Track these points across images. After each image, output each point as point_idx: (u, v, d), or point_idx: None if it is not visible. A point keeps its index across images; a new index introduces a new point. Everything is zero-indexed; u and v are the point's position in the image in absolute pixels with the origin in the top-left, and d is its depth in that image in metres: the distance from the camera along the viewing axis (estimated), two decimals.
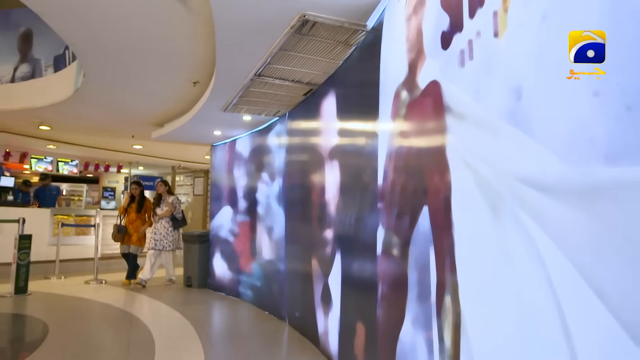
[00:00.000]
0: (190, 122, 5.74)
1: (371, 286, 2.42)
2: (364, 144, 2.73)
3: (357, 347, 2.70)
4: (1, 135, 8.78)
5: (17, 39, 7.79)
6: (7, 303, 5.29)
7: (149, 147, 9.82)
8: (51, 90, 6.66)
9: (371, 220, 2.48)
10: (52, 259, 7.50)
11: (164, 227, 6.68)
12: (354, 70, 3.10)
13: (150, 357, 3.31)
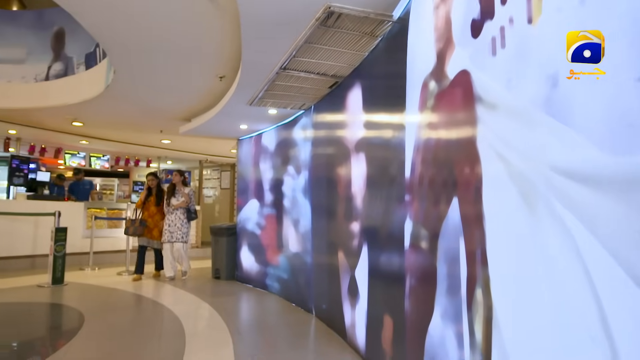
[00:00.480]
0: (216, 116, 5.81)
1: (399, 279, 2.40)
2: (391, 136, 2.70)
3: (384, 340, 2.70)
4: (37, 131, 9.11)
5: (51, 38, 8.02)
6: (46, 293, 5.51)
7: (177, 142, 10.01)
8: (83, 87, 6.86)
9: (398, 213, 2.46)
10: (86, 251, 7.75)
11: (179, 219, 6.48)
12: (380, 62, 3.07)
13: (181, 346, 3.39)
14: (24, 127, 8.77)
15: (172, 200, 6.54)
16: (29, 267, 7.41)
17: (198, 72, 4.96)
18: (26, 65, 7.94)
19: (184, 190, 6.59)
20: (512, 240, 1.34)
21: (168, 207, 6.52)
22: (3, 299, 5.15)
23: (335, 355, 3.32)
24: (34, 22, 8.15)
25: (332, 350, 3.41)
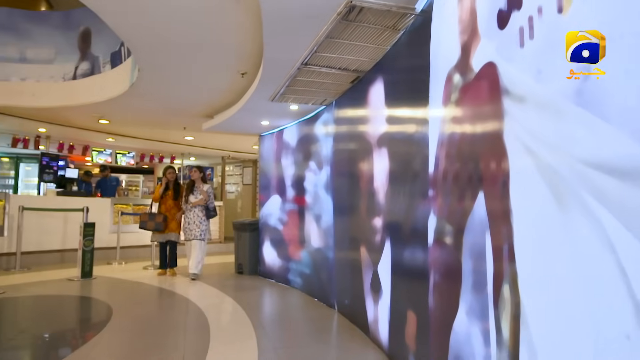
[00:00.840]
0: (238, 112, 5.85)
1: (422, 275, 2.38)
2: (414, 131, 2.67)
3: (408, 336, 2.68)
4: (65, 129, 9.36)
5: (77, 38, 8.21)
6: (75, 286, 5.67)
7: (199, 139, 10.14)
8: (109, 85, 7.00)
9: (422, 209, 2.44)
10: (113, 246, 7.95)
11: (197, 216, 6.30)
12: (402, 56, 3.03)
13: (205, 339, 3.44)
14: (53, 125, 9.03)
15: (190, 198, 6.37)
16: (59, 261, 7.64)
17: (220, 69, 5.00)
18: (54, 65, 8.14)
19: (202, 188, 6.41)
20: (541, 235, 1.31)
21: (186, 204, 6.35)
22: (36, 291, 5.33)
23: (358, 350, 3.32)
24: (61, 22, 8.35)
25: (354, 346, 3.42)
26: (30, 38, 8.11)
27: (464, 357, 1.84)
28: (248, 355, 3.16)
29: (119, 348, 3.36)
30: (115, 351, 3.29)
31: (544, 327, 1.30)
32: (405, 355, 2.73)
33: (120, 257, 7.82)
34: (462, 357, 1.86)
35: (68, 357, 3.10)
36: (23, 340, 3.56)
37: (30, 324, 4.16)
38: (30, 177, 11.41)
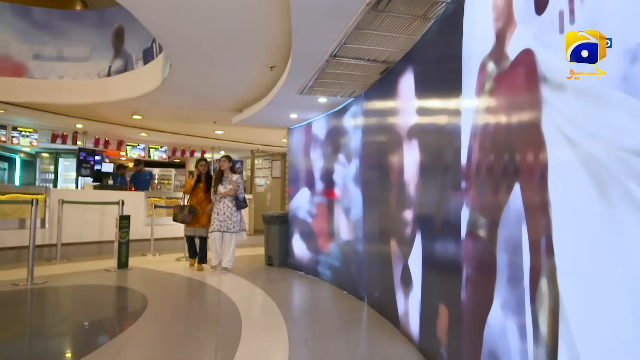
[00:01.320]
0: (267, 106, 5.89)
1: (455, 268, 2.35)
2: (446, 122, 2.62)
3: (439, 330, 2.65)
4: (101, 125, 9.66)
5: (111, 35, 8.43)
6: (112, 277, 5.87)
7: (229, 132, 10.27)
8: (141, 81, 7.17)
9: (454, 201, 2.40)
10: (147, 238, 8.17)
11: (228, 207, 6.11)
12: (433, 45, 2.97)
13: (237, 329, 3.50)
14: (89, 121, 9.34)
15: (219, 188, 6.18)
16: (96, 253, 7.92)
17: (249, 62, 5.04)
18: (90, 62, 8.40)
19: (231, 178, 6.20)
20: (582, 227, 1.27)
21: (215, 194, 6.18)
22: (75, 281, 5.55)
23: (388, 343, 3.31)
24: (96, 21, 8.59)
25: (384, 338, 3.41)
26: (67, 37, 8.38)
27: (499, 352, 1.80)
28: (279, 346, 3.20)
29: (155, 337, 3.47)
30: (150, 339, 3.39)
31: (585, 322, 1.25)
32: (436, 349, 2.70)
33: (154, 249, 8.04)
34: (496, 352, 1.83)
35: (106, 344, 3.22)
36: (65, 327, 3.71)
37: (70, 312, 4.34)
38: (69, 172, 11.85)
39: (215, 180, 6.27)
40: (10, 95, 7.76)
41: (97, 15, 8.72)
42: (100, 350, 3.06)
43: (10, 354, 3.09)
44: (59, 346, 3.31)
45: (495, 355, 1.84)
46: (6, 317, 4.07)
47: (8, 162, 12.18)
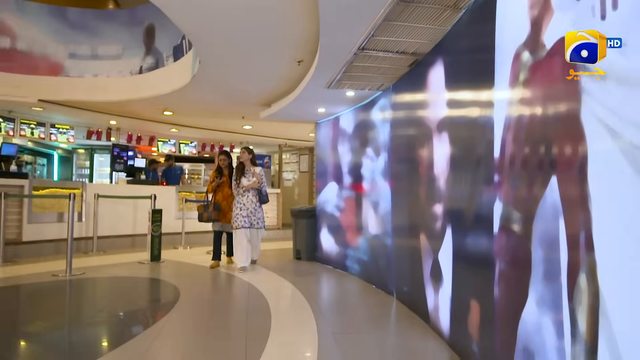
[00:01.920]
0: (295, 100, 5.90)
1: (487, 263, 2.30)
2: (478, 114, 2.56)
3: (471, 325, 2.61)
4: (133, 121, 9.92)
5: (142, 33, 8.62)
6: (145, 269, 6.03)
7: (257, 127, 10.37)
8: (172, 78, 7.31)
9: (487, 195, 2.35)
10: (178, 231, 8.37)
11: (252, 202, 5.81)
12: (464, 36, 2.91)
13: (267, 321, 3.55)
14: (122, 117, 9.60)
15: (242, 181, 5.86)
16: (130, 245, 8.16)
17: (277, 57, 5.06)
18: (122, 60, 8.62)
19: (254, 170, 5.91)
20: (624, 222, 1.22)
21: (238, 188, 5.85)
22: (111, 273, 5.74)
23: (418, 338, 3.28)
24: (127, 19, 8.80)
25: (414, 333, 3.38)
26: (100, 36, 8.62)
27: (534, 348, 1.76)
28: (308, 338, 3.22)
29: (187, 327, 3.55)
30: (183, 330, 3.47)
31: (628, 320, 1.21)
32: (467, 345, 2.66)
33: (185, 242, 8.23)
34: (531, 348, 1.79)
35: (141, 334, 3.32)
36: (102, 317, 3.84)
37: (107, 302, 4.49)
38: (104, 167, 12.21)
39: (236, 173, 5.95)
40: (48, 94, 8.06)
41: (129, 14, 8.93)
42: (136, 339, 3.16)
43: (52, 342, 3.23)
44: (97, 335, 3.43)
45: (530, 352, 1.80)
46: (47, 306, 4.25)
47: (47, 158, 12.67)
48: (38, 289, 4.82)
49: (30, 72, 8.09)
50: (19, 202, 6.87)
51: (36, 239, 6.99)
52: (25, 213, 6.91)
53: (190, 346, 3.11)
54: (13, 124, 8.95)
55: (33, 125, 9.37)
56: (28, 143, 10.60)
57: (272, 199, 10.80)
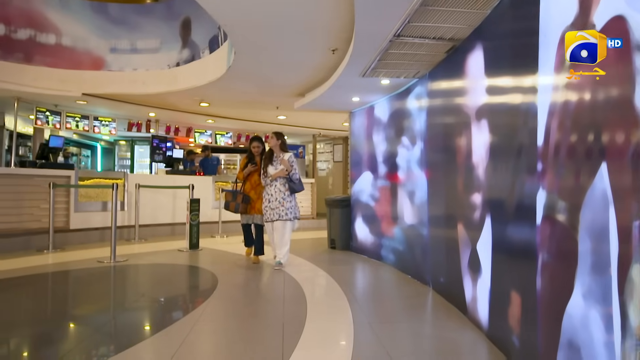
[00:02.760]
0: (329, 90, 5.88)
1: (529, 254, 2.23)
2: (520, 101, 2.48)
3: (511, 318, 2.55)
4: (171, 113, 10.16)
5: (179, 26, 8.78)
6: (184, 256, 6.22)
7: (291, 117, 10.40)
8: (208, 69, 7.43)
9: (529, 184, 2.27)
10: (215, 220, 8.56)
11: (279, 192, 5.29)
12: (505, 19, 2.80)
13: (303, 310, 3.59)
14: (161, 109, 9.85)
15: (269, 169, 5.38)
16: (169, 234, 8.42)
17: (311, 46, 5.04)
18: (160, 53, 8.81)
19: (283, 157, 5.37)
20: None
21: (265, 177, 5.39)
22: (152, 260, 5.94)
23: (455, 328, 3.24)
24: (165, 13, 8.97)
25: (451, 324, 3.34)
26: (139, 30, 8.83)
27: (580, 342, 1.70)
28: (344, 328, 3.24)
29: (225, 314, 3.64)
30: (221, 316, 3.56)
31: None
32: (507, 337, 2.61)
33: (222, 231, 8.41)
34: (576, 342, 1.73)
35: (181, 320, 3.42)
36: (144, 302, 3.99)
37: (149, 288, 4.66)
38: (144, 158, 12.62)
39: (264, 161, 5.46)
40: (91, 88, 8.36)
41: (166, 7, 9.10)
42: (177, 324, 3.27)
43: (99, 324, 3.38)
44: (140, 319, 3.57)
45: (575, 346, 1.74)
46: (94, 291, 4.46)
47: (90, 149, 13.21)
48: (85, 275, 5.05)
49: (75, 66, 8.39)
50: (66, 191, 7.20)
51: (82, 227, 7.32)
52: (72, 202, 7.24)
53: (228, 332, 3.19)
54: (59, 117, 9.35)
55: (78, 118, 9.75)
56: (73, 135, 11.07)
57: (306, 188, 10.86)
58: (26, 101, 8.59)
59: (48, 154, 7.75)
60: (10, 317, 3.49)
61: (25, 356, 2.85)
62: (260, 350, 2.80)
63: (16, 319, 3.47)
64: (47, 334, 3.14)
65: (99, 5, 8.71)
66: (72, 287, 4.82)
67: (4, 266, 5.21)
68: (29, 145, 10.47)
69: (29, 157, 10.06)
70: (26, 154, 10.42)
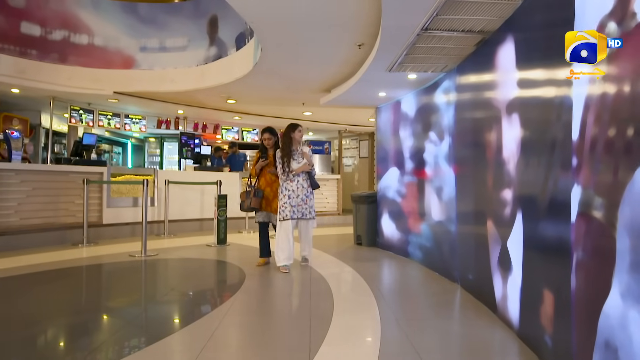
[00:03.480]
0: (355, 85, 5.85)
1: (563, 251, 2.17)
2: (553, 94, 2.40)
3: (543, 317, 2.49)
4: (199, 110, 10.33)
5: (206, 24, 8.89)
6: (212, 251, 6.32)
7: (317, 114, 10.42)
8: (235, 67, 7.51)
9: (563, 179, 2.20)
10: (242, 216, 8.65)
11: (303, 188, 4.89)
12: (538, 9, 2.72)
13: (329, 305, 3.59)
14: (189, 107, 10.02)
15: (292, 164, 4.90)
16: (198, 229, 8.57)
17: (337, 42, 5.02)
18: (187, 52, 8.95)
19: (303, 149, 5.00)
20: None
21: (285, 173, 4.89)
22: (181, 254, 6.07)
23: (484, 327, 3.18)
24: (192, 11, 9.11)
25: (480, 323, 3.28)
26: (168, 29, 8.99)
27: (618, 343, 1.64)
28: (370, 324, 3.22)
29: (252, 308, 3.68)
30: (249, 310, 3.60)
31: None
32: (539, 337, 2.54)
33: (249, 227, 8.50)
34: (614, 343, 1.67)
35: (210, 313, 3.48)
36: (174, 296, 4.08)
37: (178, 282, 4.75)
38: (172, 155, 12.87)
39: (284, 155, 4.92)
40: (122, 86, 8.57)
41: (193, 6, 9.23)
42: (205, 318, 3.33)
43: (131, 317, 3.47)
44: (170, 312, 3.64)
45: (612, 347, 1.68)
46: (126, 284, 4.59)
47: (121, 146, 13.56)
48: (118, 268, 5.21)
49: (106, 66, 8.63)
50: (99, 187, 7.42)
51: (114, 222, 7.53)
52: (104, 198, 7.46)
53: (256, 326, 3.22)
54: (92, 115, 9.63)
55: (109, 116, 10.03)
56: (105, 133, 11.38)
57: (332, 184, 10.86)
58: (61, 100, 8.88)
59: (82, 151, 8.00)
60: (48, 308, 3.63)
61: (62, 345, 2.96)
62: (287, 344, 2.82)
63: (54, 310, 3.61)
64: (82, 324, 3.25)
65: (129, 5, 8.91)
66: (105, 280, 4.98)
67: (42, 259, 5.42)
68: (64, 142, 10.84)
69: (63, 154, 10.41)
70: (61, 152, 10.79)
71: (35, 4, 7.98)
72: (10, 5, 7.61)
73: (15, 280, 4.42)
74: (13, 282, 4.38)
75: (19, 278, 4.51)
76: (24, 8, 7.82)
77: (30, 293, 4.04)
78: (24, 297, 3.91)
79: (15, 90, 8.01)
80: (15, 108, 9.23)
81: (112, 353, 2.66)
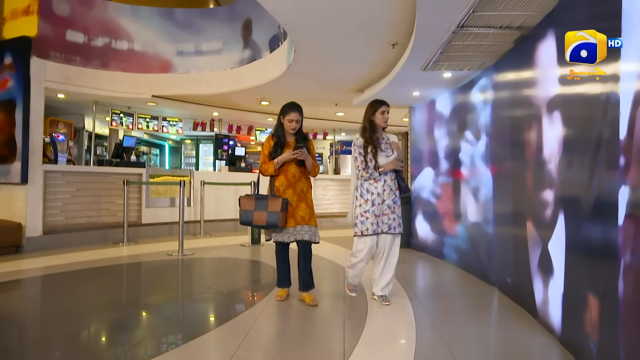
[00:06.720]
0: (389, 85, 5.80)
1: (609, 254, 2.07)
2: (599, 90, 2.30)
3: (588, 323, 2.39)
4: (233, 112, 10.50)
5: (240, 27, 9.03)
6: (246, 251, 6.40)
7: (350, 114, 10.39)
8: (268, 69, 7.59)
9: (609, 179, 2.11)
10: None
11: (391, 191, 3.61)
12: (582, 3, 2.61)
13: (363, 306, 3.57)
14: (223, 109, 10.21)
15: (380, 158, 3.57)
16: (232, 229, 8.71)
17: (371, 41, 4.99)
18: (222, 55, 9.10)
19: (392, 139, 3.69)
20: None
21: (367, 169, 3.55)
22: (216, 254, 6.19)
23: (525, 332, 3.08)
24: (227, 15, 9.26)
25: (520, 327, 3.18)
26: (203, 33, 9.17)
27: None
28: (405, 326, 3.19)
29: (287, 308, 3.69)
30: (283, 311, 3.62)
31: None
32: (583, 344, 2.44)
33: None
34: None
35: (245, 312, 3.53)
36: (210, 294, 4.15)
37: (214, 281, 4.84)
38: (208, 156, 13.13)
39: (369, 144, 3.58)
40: (160, 90, 8.82)
41: (228, 10, 9.39)
42: (241, 316, 3.38)
43: (169, 314, 3.57)
44: (206, 311, 3.72)
45: None
46: (164, 282, 4.73)
47: (159, 148, 13.95)
48: (156, 267, 5.36)
49: (145, 70, 8.89)
50: (139, 188, 7.66)
51: (153, 221, 7.76)
52: (143, 198, 7.69)
53: (290, 325, 3.25)
54: (132, 118, 9.96)
55: (148, 119, 10.33)
56: (144, 135, 11.74)
57: None
58: (103, 104, 9.23)
59: (122, 153, 8.28)
60: (91, 304, 3.79)
61: (104, 339, 3.07)
62: (322, 345, 2.82)
63: (97, 306, 3.75)
64: (123, 320, 3.37)
65: (166, 11, 9.16)
66: (144, 277, 5.14)
67: (86, 257, 5.65)
68: (105, 145, 11.25)
69: (105, 156, 10.81)
70: (103, 154, 11.21)
71: (79, 12, 8.31)
72: (56, 14, 7.95)
73: (61, 277, 4.62)
74: (59, 278, 4.58)
75: (64, 275, 4.72)
76: (69, 16, 8.16)
77: (75, 289, 4.22)
78: (70, 293, 4.09)
79: (60, 95, 8.38)
80: (60, 112, 9.65)
81: (151, 349, 2.73)
